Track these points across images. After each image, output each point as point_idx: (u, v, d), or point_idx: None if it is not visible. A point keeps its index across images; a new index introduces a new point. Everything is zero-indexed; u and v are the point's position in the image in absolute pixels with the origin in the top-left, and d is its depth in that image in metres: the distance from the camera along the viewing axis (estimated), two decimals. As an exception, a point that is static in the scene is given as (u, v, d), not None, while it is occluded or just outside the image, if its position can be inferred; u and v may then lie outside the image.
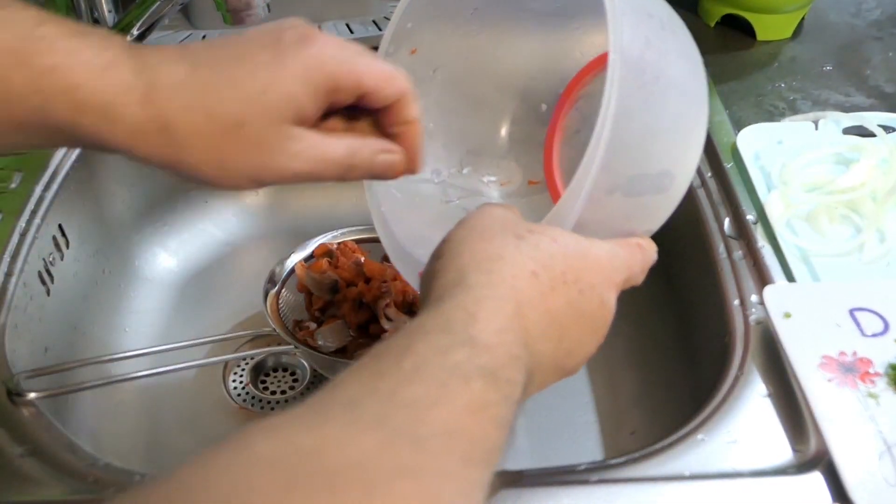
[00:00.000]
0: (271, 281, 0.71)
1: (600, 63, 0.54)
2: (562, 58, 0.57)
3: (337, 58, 0.40)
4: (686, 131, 0.43)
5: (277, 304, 0.70)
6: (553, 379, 0.40)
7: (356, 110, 0.43)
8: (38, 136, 0.40)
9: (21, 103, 0.38)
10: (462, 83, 0.57)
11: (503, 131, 0.61)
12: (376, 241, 0.64)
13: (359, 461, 0.28)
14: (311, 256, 0.73)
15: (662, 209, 0.45)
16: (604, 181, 0.40)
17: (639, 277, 0.43)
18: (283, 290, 0.71)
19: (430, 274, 0.39)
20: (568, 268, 0.38)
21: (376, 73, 0.41)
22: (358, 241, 0.75)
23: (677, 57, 0.42)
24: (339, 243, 0.74)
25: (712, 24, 0.88)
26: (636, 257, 0.43)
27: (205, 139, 0.38)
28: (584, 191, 0.39)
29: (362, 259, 0.72)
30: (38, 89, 0.37)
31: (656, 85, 0.41)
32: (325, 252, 0.73)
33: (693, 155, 0.44)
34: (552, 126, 0.58)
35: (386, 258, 0.66)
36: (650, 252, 0.44)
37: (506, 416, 0.33)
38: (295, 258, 0.73)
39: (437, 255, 0.39)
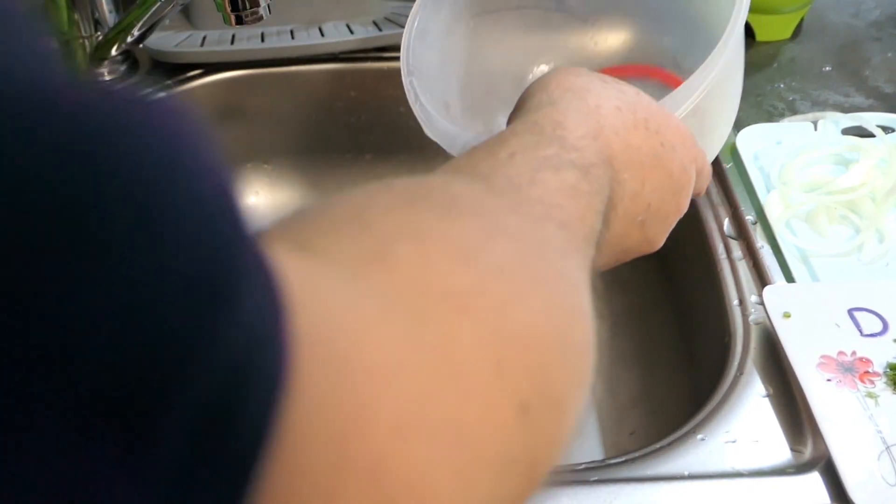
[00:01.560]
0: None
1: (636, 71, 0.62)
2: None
3: None
4: (729, 110, 0.56)
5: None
6: (635, 235, 0.40)
7: None
8: None
9: None
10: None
11: None
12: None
13: (471, 196, 0.29)
14: None
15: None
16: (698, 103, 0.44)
17: (701, 181, 0.44)
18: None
19: (519, 104, 0.41)
20: (651, 116, 0.39)
21: None
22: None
23: (738, 68, 0.54)
24: None
25: (712, 25, 0.88)
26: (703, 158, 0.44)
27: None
28: (705, 83, 0.44)
29: None
30: None
31: (738, 72, 0.53)
32: None
33: (722, 132, 0.54)
34: None
35: None
36: (709, 169, 0.46)
37: (599, 208, 0.34)
38: None
39: (526, 91, 0.41)
